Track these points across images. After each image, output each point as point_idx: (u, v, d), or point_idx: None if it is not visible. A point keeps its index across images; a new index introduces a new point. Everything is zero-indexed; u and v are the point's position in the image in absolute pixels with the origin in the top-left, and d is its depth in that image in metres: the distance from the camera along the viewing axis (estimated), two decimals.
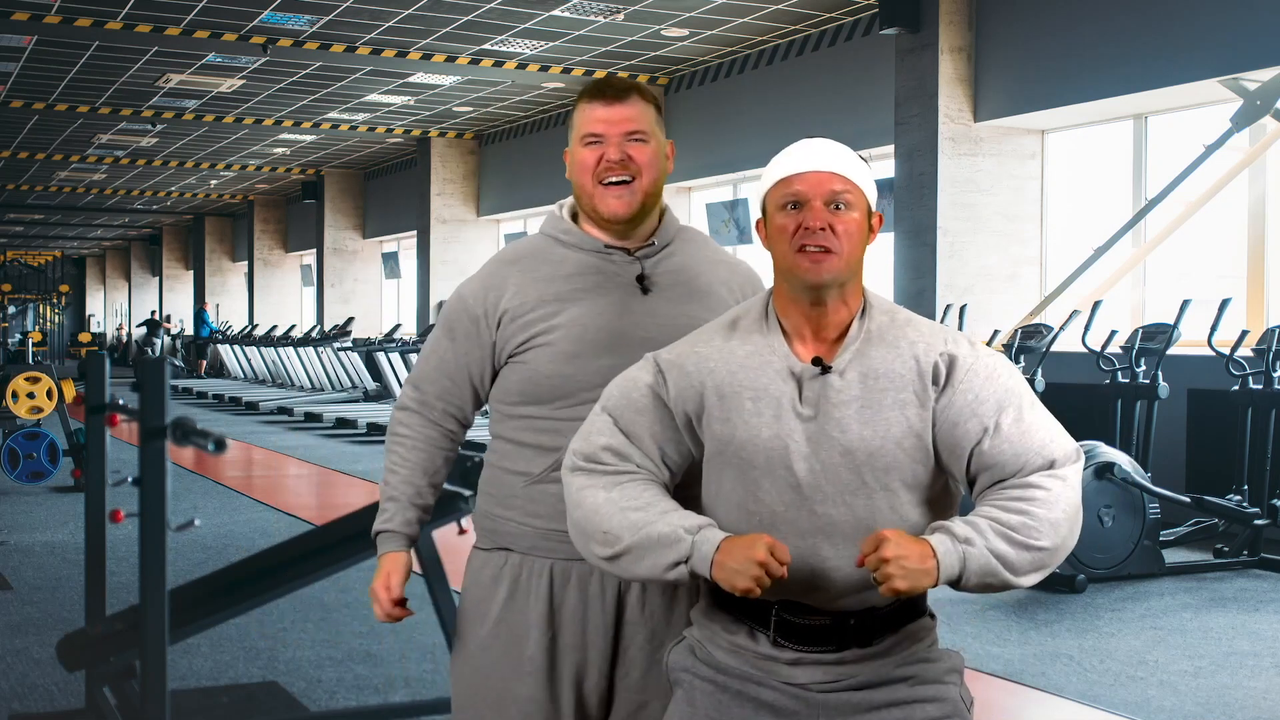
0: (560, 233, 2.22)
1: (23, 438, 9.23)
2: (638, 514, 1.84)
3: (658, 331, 2.14)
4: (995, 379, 1.85)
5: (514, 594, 2.19)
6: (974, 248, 10.03)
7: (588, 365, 2.13)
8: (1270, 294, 8.80)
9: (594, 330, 2.14)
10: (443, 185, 18.34)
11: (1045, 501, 1.80)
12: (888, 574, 1.72)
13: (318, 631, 5.20)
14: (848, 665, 1.86)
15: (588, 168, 2.16)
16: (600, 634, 2.16)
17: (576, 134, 2.19)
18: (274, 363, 22.02)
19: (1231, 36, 8.26)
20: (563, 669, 2.16)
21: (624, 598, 2.17)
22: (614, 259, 2.18)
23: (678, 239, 2.25)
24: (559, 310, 2.15)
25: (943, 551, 1.75)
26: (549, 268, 2.19)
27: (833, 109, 11.64)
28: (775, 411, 1.84)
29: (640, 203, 2.17)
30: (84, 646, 3.77)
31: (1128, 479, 6.31)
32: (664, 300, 2.18)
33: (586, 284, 2.17)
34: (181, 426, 3.11)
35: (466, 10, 11.37)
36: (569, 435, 2.11)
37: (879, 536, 1.74)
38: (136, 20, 11.85)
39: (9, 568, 6.56)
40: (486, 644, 2.20)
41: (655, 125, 2.20)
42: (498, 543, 2.22)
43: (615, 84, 2.19)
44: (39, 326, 36.87)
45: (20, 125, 17.73)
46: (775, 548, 1.75)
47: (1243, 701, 4.42)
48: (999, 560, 1.77)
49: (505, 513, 2.21)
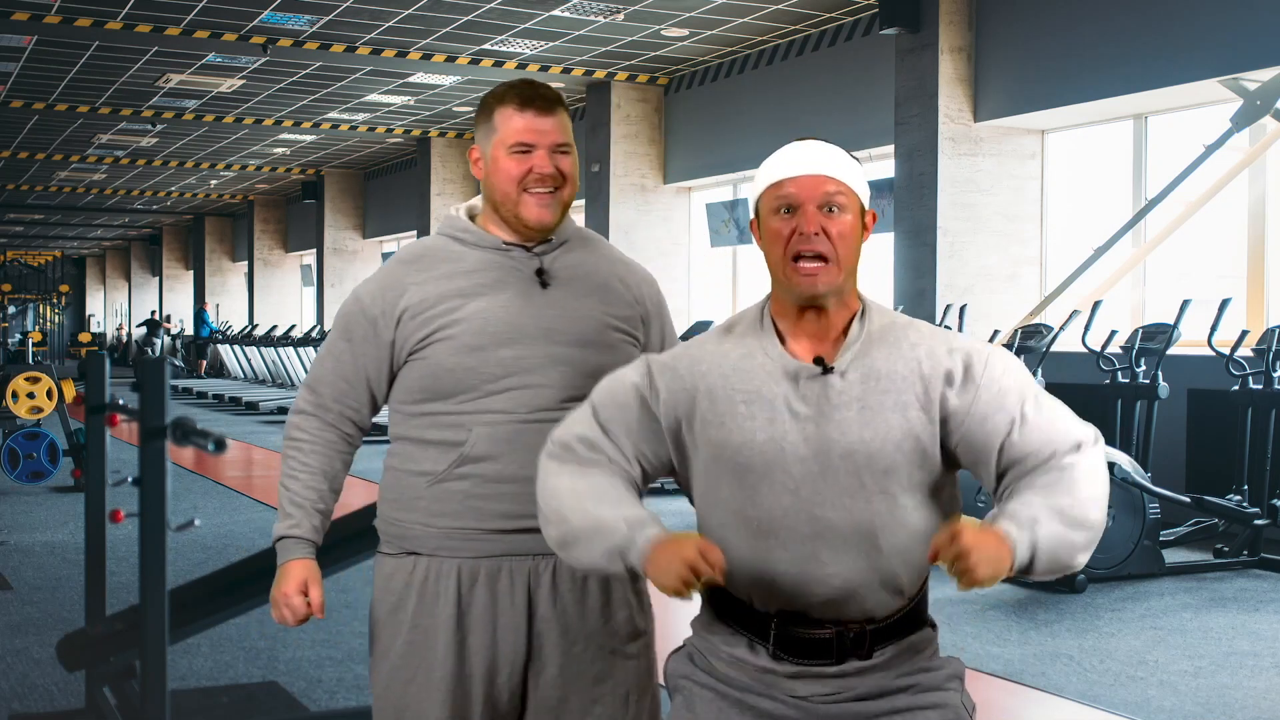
0: (460, 232, 2.23)
1: (23, 438, 9.24)
2: (591, 501, 1.83)
3: (558, 322, 2.17)
4: (1012, 370, 1.85)
5: (423, 599, 2.17)
6: (974, 248, 10.03)
7: (490, 356, 2.14)
8: (1270, 294, 8.80)
9: (495, 322, 2.14)
10: (443, 185, 18.35)
11: (1086, 479, 1.79)
12: (971, 565, 1.66)
13: (318, 631, 5.20)
14: (848, 678, 1.85)
15: (513, 176, 2.16)
16: (511, 630, 2.15)
17: (500, 139, 2.17)
18: (274, 363, 22.02)
19: (1231, 36, 8.26)
20: (473, 670, 2.15)
21: (534, 594, 2.16)
22: (513, 255, 2.20)
23: (575, 238, 2.27)
24: (461, 305, 2.15)
25: (1015, 538, 1.72)
26: (448, 265, 2.19)
27: (833, 109, 11.64)
28: (769, 414, 1.83)
29: (562, 212, 2.20)
30: (84, 646, 3.77)
31: (1128, 479, 6.31)
32: (563, 293, 2.20)
33: (487, 279, 2.17)
34: (181, 426, 3.11)
35: (466, 10, 11.37)
36: (472, 429, 2.13)
37: (952, 530, 1.69)
38: (136, 20, 11.85)
39: (9, 568, 6.56)
40: (403, 653, 2.18)
41: (572, 133, 2.23)
42: (403, 547, 2.21)
43: (545, 94, 2.18)
44: (39, 326, 36.88)
45: (20, 125, 17.73)
46: (707, 550, 1.72)
47: (1243, 701, 4.42)
48: (1059, 545, 1.75)
49: (408, 516, 2.20)
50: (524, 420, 2.14)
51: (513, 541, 2.15)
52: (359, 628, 5.24)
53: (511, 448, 2.13)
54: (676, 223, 14.37)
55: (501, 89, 2.20)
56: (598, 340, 2.19)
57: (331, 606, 5.59)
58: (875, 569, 1.82)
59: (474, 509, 2.15)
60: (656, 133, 14.17)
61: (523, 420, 2.14)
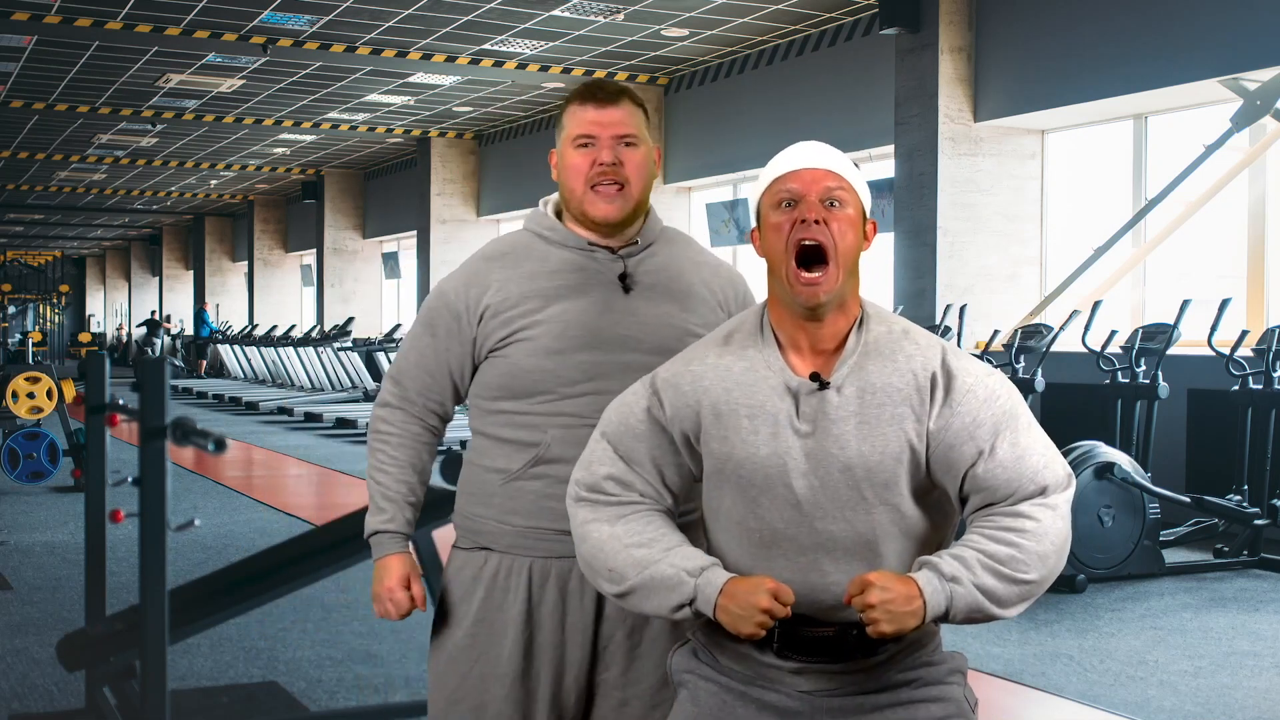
0: (545, 229, 2.22)
1: (23, 438, 9.23)
2: (642, 551, 1.85)
3: (637, 329, 2.16)
4: (994, 401, 1.83)
5: (492, 593, 2.19)
6: (974, 248, 10.03)
7: (567, 360, 2.14)
8: (1270, 294, 8.80)
9: (575, 327, 2.15)
10: (443, 185, 18.35)
11: (1035, 534, 1.79)
12: (873, 618, 1.73)
13: (318, 631, 5.20)
14: (852, 674, 1.86)
15: (579, 171, 2.17)
16: (579, 631, 2.17)
17: (567, 136, 2.19)
18: (274, 363, 22.02)
19: (1231, 36, 8.26)
20: (540, 668, 2.16)
21: (603, 596, 2.16)
22: (597, 257, 2.19)
23: (661, 239, 2.26)
24: (542, 306, 2.16)
25: (930, 592, 1.75)
26: (532, 264, 2.19)
27: (833, 109, 11.64)
28: (773, 429, 1.83)
29: (631, 208, 2.18)
30: (84, 646, 3.77)
31: (1128, 479, 6.31)
32: (644, 300, 2.19)
33: (570, 281, 2.17)
34: (181, 426, 3.11)
35: (466, 10, 11.37)
36: (548, 430, 2.14)
37: (864, 580, 1.74)
38: (136, 20, 11.85)
39: (9, 568, 6.56)
40: (464, 645, 2.20)
41: (644, 129, 2.21)
42: (477, 542, 2.22)
43: (607, 87, 2.20)
44: (39, 326, 36.87)
45: (20, 125, 17.73)
46: (779, 592, 1.76)
47: (1243, 701, 4.42)
48: (986, 596, 1.77)
49: (483, 511, 2.21)
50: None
51: None
52: (359, 628, 5.24)
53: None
54: (677, 223, 14.30)
55: (574, 89, 2.23)
56: (677, 348, 2.16)
57: (331, 606, 5.59)
58: None
59: (548, 509, 2.15)
60: (656, 133, 14.15)
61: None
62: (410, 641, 4.98)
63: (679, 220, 14.34)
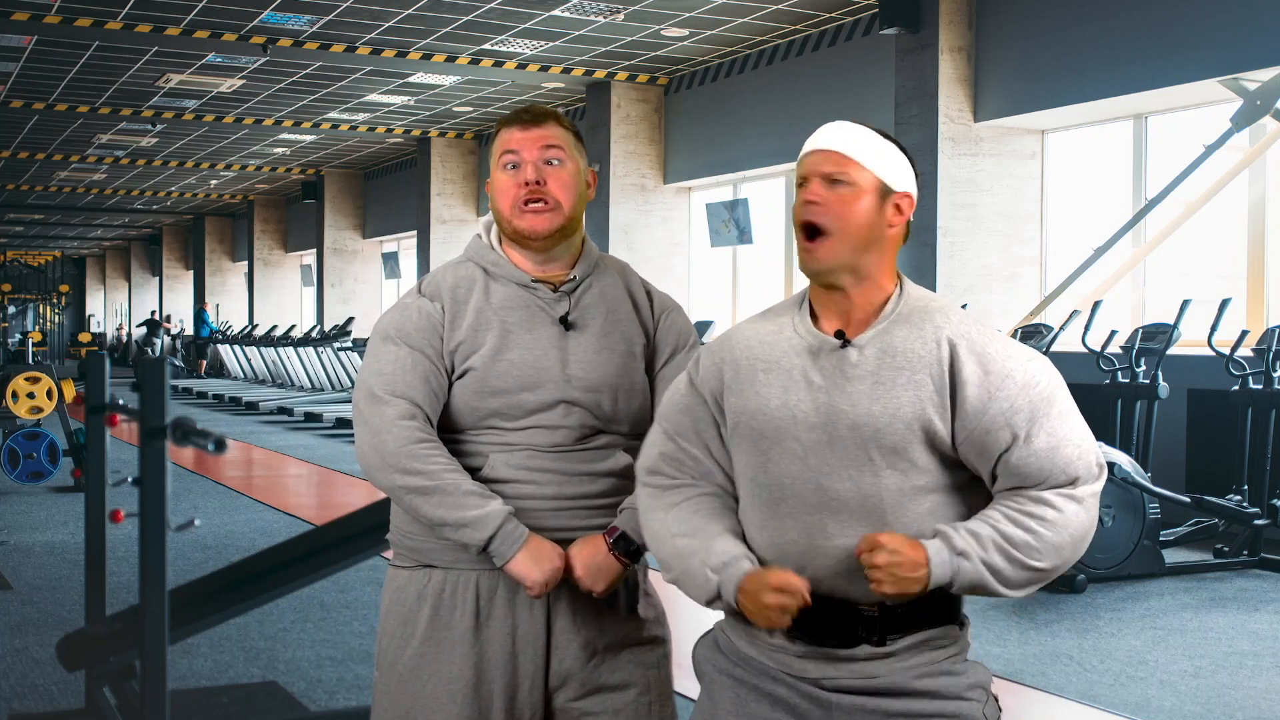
0: (489, 264, 2.22)
1: (23, 438, 9.23)
2: (684, 541, 1.91)
3: (579, 369, 2.17)
4: (1032, 388, 1.82)
5: (439, 611, 2.16)
6: (974, 248, 10.03)
7: (510, 400, 2.15)
8: (1270, 294, 8.80)
9: (520, 366, 2.15)
10: (443, 185, 18.35)
11: (1056, 524, 1.80)
12: (876, 578, 1.76)
13: (318, 631, 5.20)
14: (859, 663, 1.84)
15: (506, 192, 2.17)
16: (531, 644, 2.15)
17: (495, 157, 2.20)
18: (274, 363, 22.02)
19: (1231, 36, 8.26)
20: (492, 686, 2.13)
21: (553, 606, 2.15)
22: (539, 294, 2.19)
23: (597, 270, 2.26)
24: (485, 344, 2.15)
25: (937, 563, 1.77)
26: (477, 299, 2.19)
27: (833, 109, 11.63)
28: (785, 382, 1.87)
29: (560, 222, 2.18)
30: (84, 646, 3.77)
31: (1128, 479, 6.31)
32: (585, 336, 2.20)
33: (514, 319, 2.18)
34: (181, 426, 3.10)
35: (466, 10, 11.37)
36: (489, 455, 2.14)
37: (874, 540, 1.76)
38: (136, 20, 11.85)
39: (9, 568, 6.56)
40: (415, 665, 2.16)
41: (574, 148, 2.21)
42: (418, 559, 2.19)
43: (533, 109, 2.22)
44: (39, 326, 36.90)
45: (20, 125, 17.73)
46: (785, 585, 1.79)
47: (1243, 701, 4.42)
48: (993, 575, 1.78)
49: (424, 529, 2.16)
50: (541, 451, 2.15)
51: None
52: (359, 627, 5.24)
53: (529, 471, 2.15)
54: (676, 223, 14.37)
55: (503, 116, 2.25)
56: (617, 384, 2.19)
57: (331, 606, 5.59)
58: None
59: None
60: (656, 133, 14.17)
61: (539, 451, 2.15)
62: None
63: (679, 220, 14.34)
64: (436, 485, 2.07)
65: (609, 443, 2.19)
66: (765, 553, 1.89)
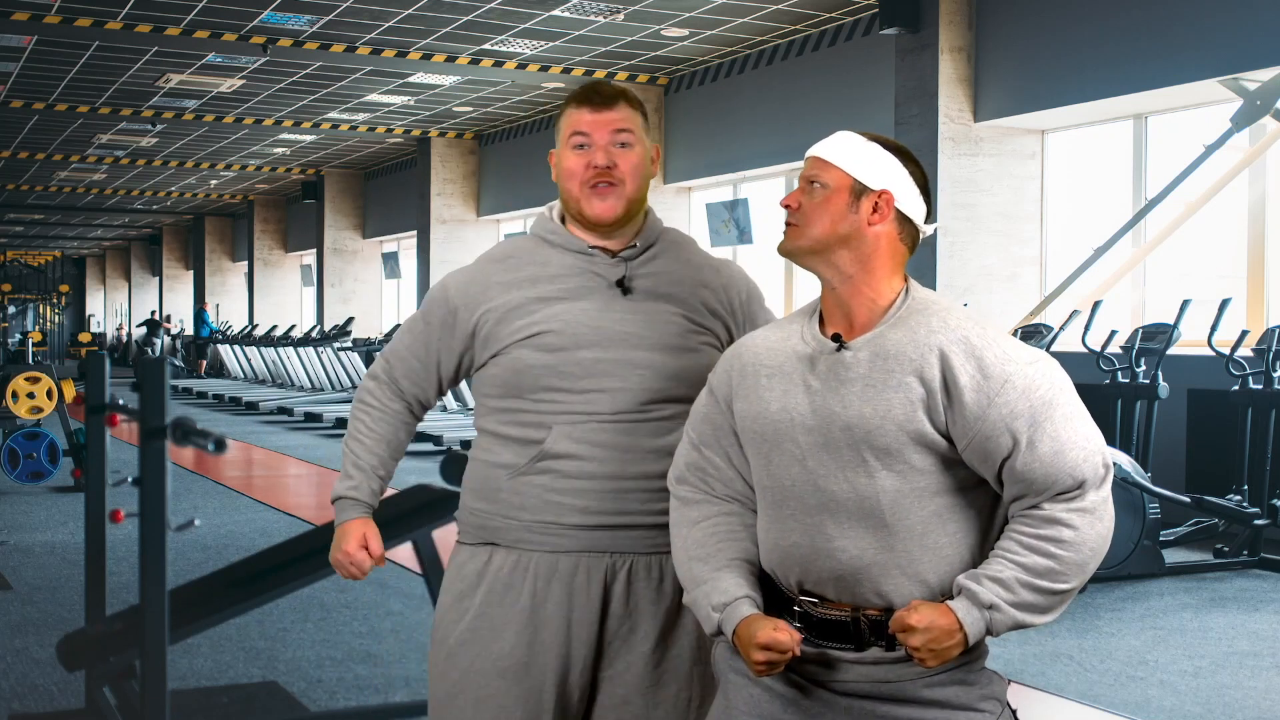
0: (548, 233, 2.26)
1: (23, 438, 9.23)
2: (698, 566, 1.95)
3: (638, 326, 2.18)
4: (1032, 392, 1.80)
5: (494, 589, 2.19)
6: (974, 248, 10.03)
7: (569, 357, 2.16)
8: (1270, 294, 8.80)
9: (576, 325, 2.17)
10: (443, 185, 18.34)
11: (1073, 543, 1.79)
12: (919, 658, 1.78)
13: (318, 631, 5.20)
14: (868, 666, 1.85)
15: (575, 173, 2.19)
16: (584, 627, 2.17)
17: (563, 136, 2.22)
18: (274, 363, 22.01)
19: (1231, 36, 8.26)
20: (545, 665, 2.16)
21: (610, 591, 2.17)
22: (597, 260, 2.22)
23: (660, 241, 2.28)
24: (542, 307, 2.19)
25: (969, 622, 1.78)
26: (534, 268, 2.22)
27: (833, 109, 11.64)
28: (785, 386, 1.89)
29: (625, 207, 2.20)
30: (84, 646, 3.77)
31: (1128, 479, 6.31)
32: (643, 300, 2.21)
33: (570, 285, 2.20)
34: (181, 426, 3.11)
35: (466, 10, 11.37)
36: (552, 427, 2.16)
37: (904, 623, 1.77)
38: (136, 20, 11.85)
39: (9, 568, 6.56)
40: (466, 639, 2.19)
41: (642, 129, 2.22)
42: (482, 538, 2.23)
43: (603, 89, 2.22)
44: (39, 326, 36.90)
45: (20, 125, 17.73)
46: (768, 643, 1.80)
47: (1243, 701, 4.42)
48: (1026, 613, 1.79)
49: (489, 507, 2.22)
50: (604, 420, 2.16)
51: (591, 538, 2.17)
52: (359, 628, 5.24)
53: (591, 446, 2.16)
54: (676, 222, 14.35)
55: (573, 91, 2.25)
56: (678, 345, 2.20)
57: (331, 606, 5.59)
58: (887, 549, 1.83)
59: (553, 504, 2.17)
60: (656, 133, 14.17)
61: (602, 420, 2.16)
62: (410, 641, 4.98)
63: (679, 220, 14.34)
64: (351, 434, 2.34)
65: (675, 413, 2.18)
66: (772, 554, 1.91)
